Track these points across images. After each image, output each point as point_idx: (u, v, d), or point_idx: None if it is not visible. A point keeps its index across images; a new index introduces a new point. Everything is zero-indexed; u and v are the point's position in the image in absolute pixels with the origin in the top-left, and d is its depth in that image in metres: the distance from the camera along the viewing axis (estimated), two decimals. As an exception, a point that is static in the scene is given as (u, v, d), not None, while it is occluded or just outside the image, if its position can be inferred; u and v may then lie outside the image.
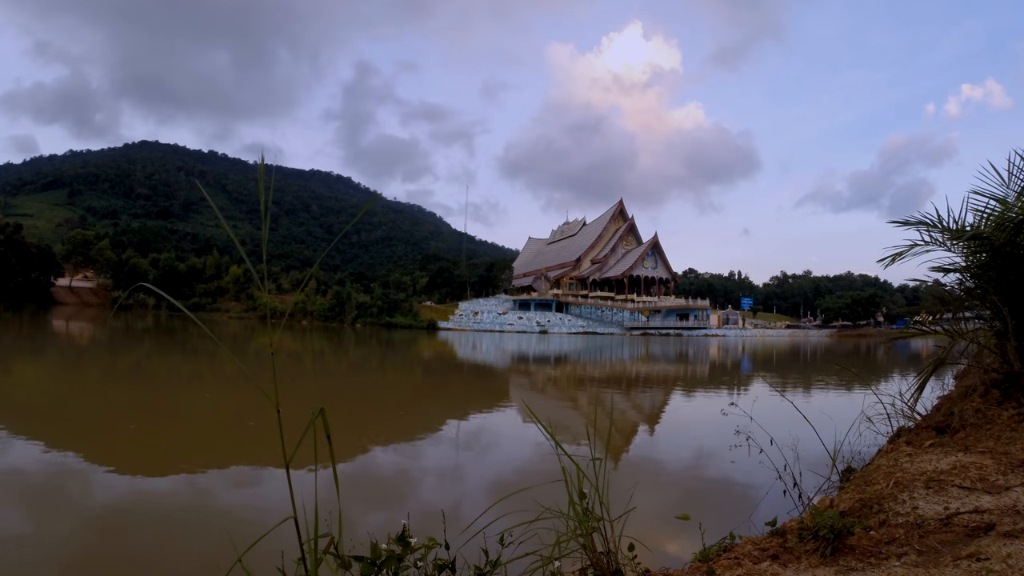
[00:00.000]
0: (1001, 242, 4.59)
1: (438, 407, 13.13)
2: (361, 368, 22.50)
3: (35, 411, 10.26)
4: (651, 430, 10.53)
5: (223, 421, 10.11)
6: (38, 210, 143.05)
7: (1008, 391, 4.60)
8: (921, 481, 3.10)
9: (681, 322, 75.17)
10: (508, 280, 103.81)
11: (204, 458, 7.31)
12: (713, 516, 4.99)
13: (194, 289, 78.87)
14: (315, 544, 1.56)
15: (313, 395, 12.86)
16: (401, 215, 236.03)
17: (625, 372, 23.29)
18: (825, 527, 2.47)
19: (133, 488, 6.05)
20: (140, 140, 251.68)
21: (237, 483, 6.40)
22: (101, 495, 5.86)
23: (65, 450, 7.31)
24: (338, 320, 66.64)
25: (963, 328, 5.86)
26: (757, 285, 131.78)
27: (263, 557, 2.05)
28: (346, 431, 8.91)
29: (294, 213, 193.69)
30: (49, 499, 5.64)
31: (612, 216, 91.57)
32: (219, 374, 16.85)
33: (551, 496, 2.51)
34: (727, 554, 2.74)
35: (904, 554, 2.31)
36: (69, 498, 5.73)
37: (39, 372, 16.25)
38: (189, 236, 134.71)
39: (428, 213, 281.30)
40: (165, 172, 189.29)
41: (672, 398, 15.66)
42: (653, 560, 2.95)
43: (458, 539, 2.24)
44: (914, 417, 5.42)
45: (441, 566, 2.11)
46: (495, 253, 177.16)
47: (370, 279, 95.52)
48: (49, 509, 5.36)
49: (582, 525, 2.38)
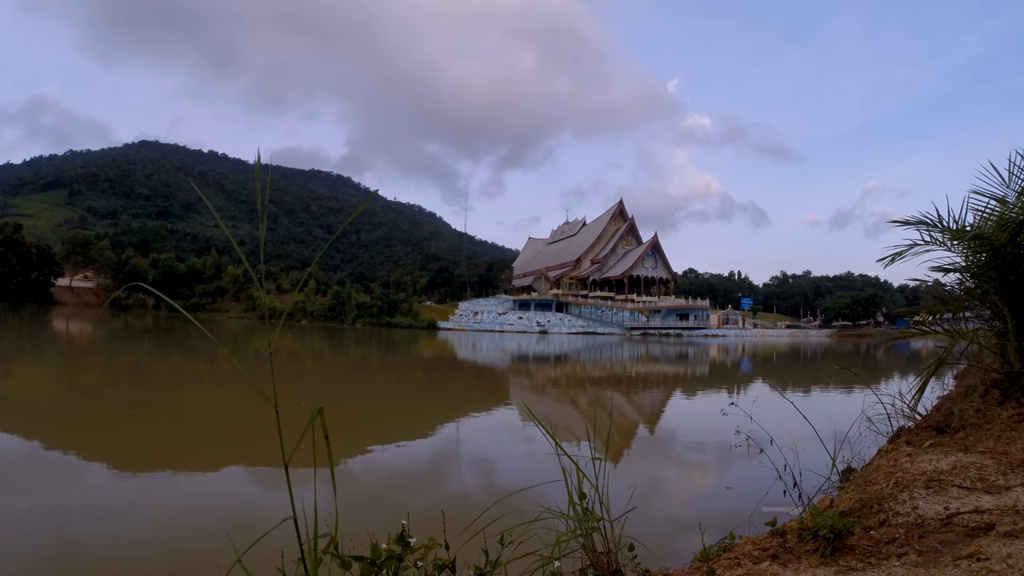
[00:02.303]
0: (1001, 242, 4.59)
1: (438, 407, 13.13)
2: (361, 368, 22.50)
3: (35, 411, 10.26)
4: (651, 430, 10.52)
5: (222, 421, 10.11)
6: (38, 210, 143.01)
7: (1008, 391, 4.60)
8: (921, 481, 3.09)
9: (681, 322, 75.12)
10: (508, 280, 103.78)
11: (203, 458, 7.30)
12: (713, 516, 4.99)
13: (193, 289, 78.85)
14: (315, 544, 1.56)
15: (312, 395, 12.85)
16: (401, 215, 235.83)
17: (625, 372, 23.29)
18: (825, 527, 2.47)
19: (133, 488, 6.05)
20: (140, 140, 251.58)
21: (237, 483, 6.40)
22: (100, 494, 5.85)
23: (64, 449, 7.31)
24: (338, 320, 66.62)
25: (963, 328, 5.86)
26: (757, 285, 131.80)
27: (263, 557, 2.05)
28: (346, 431, 8.91)
29: (294, 213, 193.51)
30: (49, 499, 5.64)
31: (612, 216, 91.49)
32: (218, 374, 16.84)
33: (551, 496, 2.51)
34: (727, 554, 2.74)
35: (904, 554, 2.31)
36: (69, 498, 5.73)
37: (39, 372, 16.25)
38: (189, 236, 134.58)
39: (428, 213, 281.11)
40: (165, 172, 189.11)
41: (672, 398, 15.66)
42: (653, 560, 2.95)
43: (458, 539, 2.24)
44: (914, 417, 5.41)
45: (441, 566, 2.10)
46: (495, 253, 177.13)
47: (370, 279, 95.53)
48: (49, 509, 5.36)
49: (582, 525, 2.38)
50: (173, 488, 6.06)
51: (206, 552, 4.32)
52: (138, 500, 5.70)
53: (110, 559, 4.41)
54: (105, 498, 5.77)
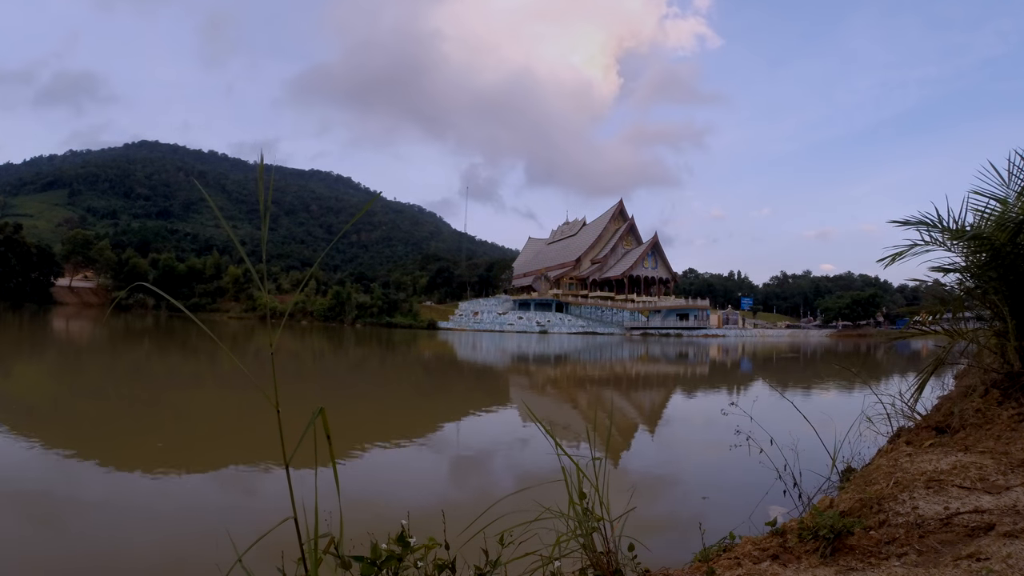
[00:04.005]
0: (1001, 242, 4.59)
1: (438, 407, 13.13)
2: (361, 368, 22.50)
3: (34, 411, 10.26)
4: (651, 430, 10.52)
5: (223, 421, 10.11)
6: (38, 210, 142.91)
7: (1008, 391, 4.60)
8: (921, 481, 3.09)
9: (681, 322, 75.11)
10: (508, 280, 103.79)
11: (204, 458, 7.31)
12: (713, 516, 4.99)
13: (193, 289, 78.79)
14: (315, 544, 1.56)
15: (313, 395, 12.86)
16: (401, 215, 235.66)
17: (625, 372, 23.29)
18: (825, 527, 2.47)
19: (133, 487, 6.05)
20: (140, 140, 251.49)
21: (237, 483, 6.40)
22: (100, 494, 5.85)
23: (64, 449, 7.30)
24: (338, 320, 66.61)
25: (963, 328, 5.86)
26: (757, 285, 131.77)
27: (263, 557, 2.05)
28: (346, 431, 8.91)
29: (294, 213, 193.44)
30: (48, 498, 5.64)
31: (612, 216, 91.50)
32: (218, 374, 16.84)
33: (551, 496, 2.51)
34: (727, 554, 2.74)
35: (904, 554, 2.31)
36: (68, 497, 5.73)
37: (39, 372, 16.25)
38: (189, 236, 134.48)
39: (428, 213, 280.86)
40: (165, 172, 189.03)
41: (672, 398, 15.66)
42: (653, 560, 2.95)
43: (458, 539, 2.24)
44: (914, 417, 5.41)
45: (441, 566, 2.10)
46: (495, 253, 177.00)
47: (370, 279, 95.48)
48: (48, 508, 5.36)
49: (582, 525, 2.38)
50: (173, 488, 6.06)
51: (206, 552, 4.32)
52: (138, 500, 5.70)
53: (110, 559, 4.41)
54: (105, 498, 5.77)
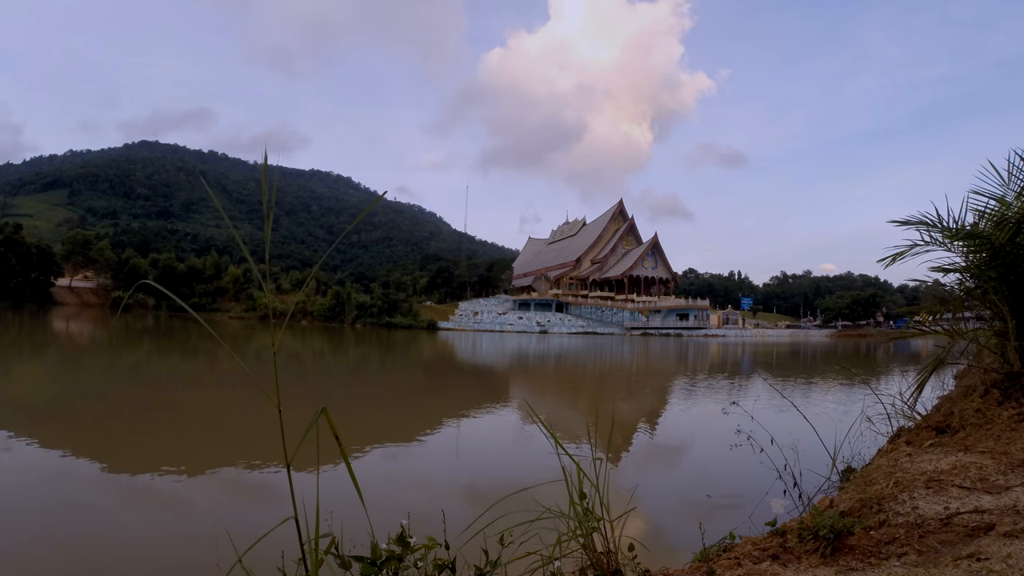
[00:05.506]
0: (1001, 242, 4.59)
1: (438, 407, 13.12)
2: (361, 368, 22.50)
3: (34, 411, 10.26)
4: (651, 430, 10.52)
5: (224, 421, 10.12)
6: (38, 210, 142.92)
7: (1008, 391, 4.60)
8: (921, 481, 3.09)
9: (681, 322, 75.11)
10: (508, 280, 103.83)
11: (205, 458, 7.31)
12: (713, 516, 4.99)
13: (194, 289, 78.72)
14: (316, 544, 1.56)
15: (313, 395, 12.86)
16: (401, 215, 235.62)
17: (625, 372, 23.29)
18: (825, 527, 2.47)
19: (133, 487, 6.05)
20: (140, 140, 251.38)
21: (238, 483, 6.40)
22: (100, 494, 5.86)
23: (64, 449, 7.31)
24: (338, 320, 66.58)
25: (963, 328, 5.87)
26: (757, 285, 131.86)
27: (263, 557, 2.05)
28: (346, 431, 8.88)
29: (294, 213, 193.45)
30: (49, 498, 5.64)
31: (612, 216, 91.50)
32: (219, 374, 16.85)
33: (551, 496, 2.51)
34: (727, 554, 2.74)
35: (904, 554, 2.31)
36: (68, 497, 5.73)
37: (38, 372, 16.25)
38: (189, 236, 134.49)
39: (428, 213, 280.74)
40: (165, 172, 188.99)
41: (672, 398, 15.66)
42: (653, 560, 2.95)
43: (458, 539, 2.24)
44: (914, 417, 5.42)
45: (441, 566, 2.11)
46: (495, 253, 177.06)
47: (370, 279, 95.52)
48: (49, 508, 5.36)
49: (582, 525, 2.38)
50: (174, 488, 6.06)
51: (206, 552, 4.32)
52: (138, 499, 5.71)
53: (110, 558, 4.41)
54: (105, 498, 5.77)
